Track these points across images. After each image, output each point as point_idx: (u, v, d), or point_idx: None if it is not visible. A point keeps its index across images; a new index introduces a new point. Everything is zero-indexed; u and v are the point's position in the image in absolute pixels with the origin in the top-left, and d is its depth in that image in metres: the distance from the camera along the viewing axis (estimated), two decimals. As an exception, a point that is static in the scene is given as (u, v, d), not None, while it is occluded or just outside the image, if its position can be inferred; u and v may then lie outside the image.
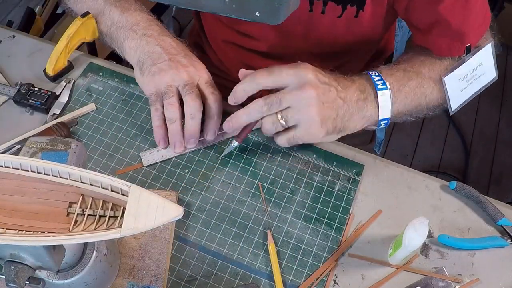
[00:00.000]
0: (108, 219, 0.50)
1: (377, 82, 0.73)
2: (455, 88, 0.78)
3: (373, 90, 0.73)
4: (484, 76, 0.80)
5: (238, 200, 0.77)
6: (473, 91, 0.80)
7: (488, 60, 0.80)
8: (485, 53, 0.79)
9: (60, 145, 0.60)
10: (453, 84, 0.77)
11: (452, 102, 0.78)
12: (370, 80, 0.73)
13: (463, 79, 0.78)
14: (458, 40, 0.77)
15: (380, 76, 0.73)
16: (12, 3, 2.33)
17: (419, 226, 0.66)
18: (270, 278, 0.71)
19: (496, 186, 1.94)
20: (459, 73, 0.77)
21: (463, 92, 0.79)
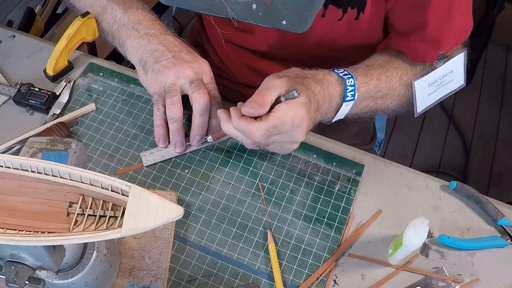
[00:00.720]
0: (108, 219, 0.50)
1: (348, 94, 0.74)
2: (423, 92, 0.80)
3: (340, 100, 0.74)
4: (452, 82, 0.82)
5: (238, 200, 0.77)
6: (440, 96, 0.82)
7: (458, 68, 0.81)
8: (457, 61, 0.80)
9: (60, 145, 0.60)
10: (422, 88, 0.79)
11: (419, 105, 0.80)
12: (343, 90, 0.74)
13: (432, 84, 0.80)
14: (433, 47, 0.78)
15: (353, 86, 0.74)
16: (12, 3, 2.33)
17: (419, 226, 0.66)
18: (270, 278, 0.71)
19: (496, 186, 1.94)
20: (429, 79, 0.79)
21: (430, 96, 0.81)
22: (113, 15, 0.83)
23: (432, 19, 0.75)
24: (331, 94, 0.73)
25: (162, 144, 0.79)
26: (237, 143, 0.82)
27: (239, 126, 0.68)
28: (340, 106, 0.74)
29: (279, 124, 0.67)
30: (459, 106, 2.13)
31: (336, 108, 0.75)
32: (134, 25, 0.81)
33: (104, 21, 0.85)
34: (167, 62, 0.77)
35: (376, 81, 0.77)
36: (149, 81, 0.79)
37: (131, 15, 0.82)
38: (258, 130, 0.67)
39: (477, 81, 2.19)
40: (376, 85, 0.77)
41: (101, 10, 0.85)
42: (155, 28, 0.81)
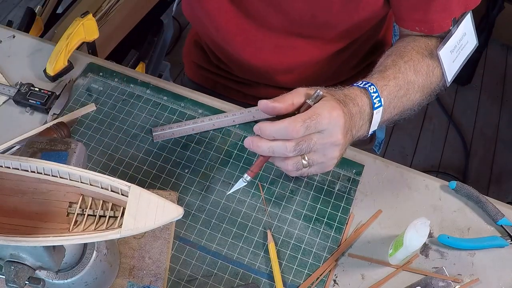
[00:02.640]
0: (108, 219, 0.50)
1: (375, 101, 0.72)
2: (448, 60, 0.81)
3: (370, 109, 0.72)
4: (468, 44, 0.83)
5: (238, 200, 0.77)
6: (461, 60, 0.83)
7: (469, 29, 0.83)
8: (467, 23, 0.82)
9: (60, 145, 0.60)
10: (447, 56, 0.80)
11: (448, 74, 0.81)
12: (369, 98, 0.72)
13: (453, 50, 0.81)
14: (447, 15, 0.79)
15: (377, 92, 0.72)
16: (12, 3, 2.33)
17: (420, 227, 0.66)
18: (270, 278, 0.71)
19: (496, 186, 1.94)
20: (450, 45, 0.80)
21: (454, 63, 0.82)
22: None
23: None
24: (360, 105, 0.71)
25: None
26: (237, 143, 0.82)
27: (273, 128, 0.64)
28: (372, 116, 0.72)
29: (315, 116, 0.64)
30: (459, 106, 2.13)
31: (368, 120, 0.72)
32: None
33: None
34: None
35: (393, 81, 0.76)
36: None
37: None
38: (295, 121, 0.63)
39: (477, 81, 2.19)
40: (395, 84, 0.76)
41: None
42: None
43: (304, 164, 0.67)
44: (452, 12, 0.80)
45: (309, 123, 0.63)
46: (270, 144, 0.65)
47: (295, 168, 0.67)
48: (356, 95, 0.72)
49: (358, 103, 0.71)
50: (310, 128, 0.64)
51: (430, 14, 0.80)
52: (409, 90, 0.78)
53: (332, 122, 0.65)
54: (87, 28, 0.86)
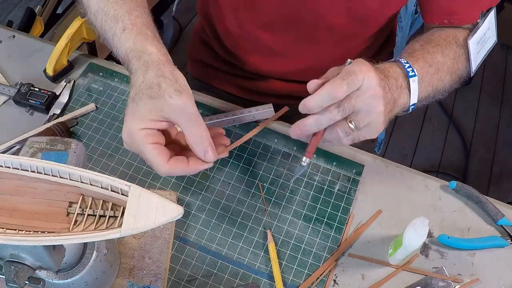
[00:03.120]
0: (108, 219, 0.50)
1: (408, 70, 0.74)
2: (475, 50, 0.83)
3: (405, 77, 0.74)
4: (490, 39, 0.86)
5: (238, 200, 0.77)
6: (484, 53, 0.85)
7: (492, 24, 0.85)
8: (491, 18, 0.85)
9: (60, 145, 0.60)
10: (474, 47, 0.83)
11: (473, 64, 0.83)
12: (402, 67, 0.74)
13: (479, 42, 0.83)
14: (476, 7, 0.82)
15: (408, 63, 0.75)
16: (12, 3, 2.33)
17: (419, 226, 0.66)
18: (270, 278, 0.71)
19: (496, 186, 1.94)
20: (477, 37, 0.83)
21: (478, 54, 0.84)
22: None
23: None
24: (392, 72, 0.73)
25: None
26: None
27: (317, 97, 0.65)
28: (409, 84, 0.73)
29: (350, 72, 0.66)
30: (459, 106, 2.13)
31: (406, 87, 0.73)
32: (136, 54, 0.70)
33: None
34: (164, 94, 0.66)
35: (422, 60, 0.78)
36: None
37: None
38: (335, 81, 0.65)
39: (477, 81, 2.19)
40: (424, 62, 0.77)
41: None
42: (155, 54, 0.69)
43: (352, 128, 0.68)
44: (480, 5, 0.82)
45: (348, 79, 0.65)
46: (315, 117, 0.66)
47: (345, 134, 0.68)
48: (389, 66, 0.73)
49: (390, 71, 0.72)
50: (350, 84, 0.65)
51: (460, 6, 0.82)
52: (439, 70, 0.79)
53: (366, 76, 0.66)
54: (87, 28, 0.86)
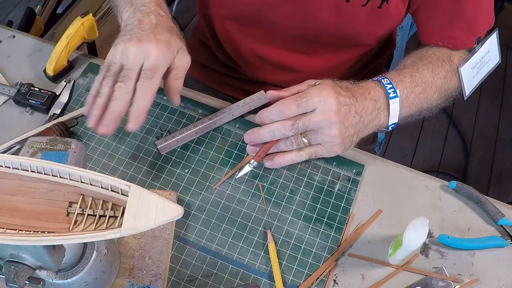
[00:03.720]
0: (108, 219, 0.50)
1: (389, 91, 0.76)
2: (468, 76, 0.84)
3: (385, 99, 0.76)
4: (490, 61, 0.87)
5: (238, 200, 0.77)
6: (482, 76, 0.86)
7: (493, 47, 0.86)
8: (492, 41, 0.85)
9: (60, 145, 0.60)
10: (467, 73, 0.83)
11: (466, 89, 0.84)
12: (383, 88, 0.77)
13: (474, 67, 0.84)
14: (472, 33, 0.83)
15: (391, 84, 0.77)
16: (12, 3, 2.33)
17: (419, 226, 0.66)
18: (270, 278, 0.71)
19: (496, 186, 1.94)
20: (472, 62, 0.83)
21: (474, 78, 0.85)
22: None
23: (468, 7, 0.80)
24: (372, 94, 0.76)
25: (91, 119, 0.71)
26: (237, 143, 0.82)
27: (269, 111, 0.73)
28: (388, 105, 0.76)
29: (305, 94, 0.71)
30: (459, 106, 2.13)
31: (385, 108, 0.76)
32: (131, 0, 0.77)
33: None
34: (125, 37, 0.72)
35: (410, 78, 0.79)
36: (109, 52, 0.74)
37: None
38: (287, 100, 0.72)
39: (477, 81, 2.19)
40: (411, 81, 0.79)
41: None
42: (149, 6, 0.76)
43: (305, 142, 0.74)
44: (476, 31, 0.83)
45: (299, 101, 0.71)
46: (269, 128, 0.73)
47: (297, 145, 0.75)
48: (370, 86, 0.77)
49: (370, 92, 0.76)
50: (301, 106, 0.71)
51: (454, 32, 0.82)
52: (426, 89, 0.81)
53: (322, 100, 0.71)
54: (87, 28, 0.86)
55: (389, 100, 0.76)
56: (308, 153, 0.76)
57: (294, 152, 0.76)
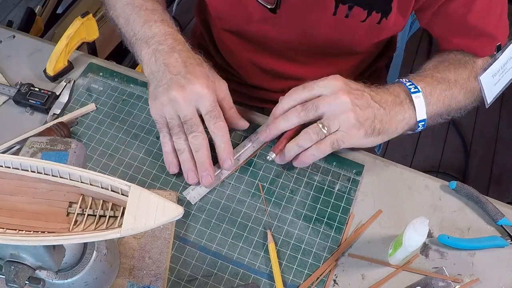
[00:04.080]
0: (108, 219, 0.50)
1: (409, 87, 0.76)
2: (489, 83, 0.83)
3: (407, 94, 0.76)
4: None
5: (238, 200, 0.77)
6: (505, 83, 0.85)
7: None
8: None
9: (60, 145, 0.60)
10: (488, 81, 0.82)
11: (488, 97, 0.84)
12: (402, 85, 0.76)
13: (495, 74, 0.83)
14: (490, 42, 0.82)
15: (410, 81, 0.77)
16: (12, 3, 2.33)
17: (419, 226, 0.66)
18: (270, 278, 0.71)
19: (496, 186, 1.94)
20: (493, 70, 0.83)
21: (496, 85, 0.84)
22: (133, 28, 0.81)
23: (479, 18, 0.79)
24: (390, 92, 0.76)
25: (173, 170, 0.77)
26: (237, 143, 0.82)
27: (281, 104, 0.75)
28: (412, 100, 0.75)
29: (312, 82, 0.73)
30: (459, 106, 2.13)
31: (409, 103, 0.75)
32: (147, 39, 0.78)
33: (127, 33, 0.82)
34: (164, 88, 0.74)
35: (430, 78, 0.79)
36: (150, 106, 0.77)
37: (147, 29, 0.79)
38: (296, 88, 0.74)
39: (477, 81, 2.19)
40: (432, 80, 0.79)
41: (124, 21, 0.83)
42: (166, 43, 0.77)
43: (324, 131, 0.72)
44: (496, 39, 0.82)
45: (306, 84, 0.73)
46: (283, 115, 0.74)
47: (317, 136, 0.73)
48: (389, 86, 0.77)
49: (388, 89, 0.76)
50: (308, 88, 0.73)
51: (473, 41, 0.82)
52: (451, 87, 0.80)
53: (328, 83, 0.73)
54: (87, 28, 0.86)
55: (411, 95, 0.75)
56: (330, 142, 0.73)
57: (314, 146, 0.73)
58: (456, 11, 0.79)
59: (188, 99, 0.73)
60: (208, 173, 0.74)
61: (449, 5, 0.78)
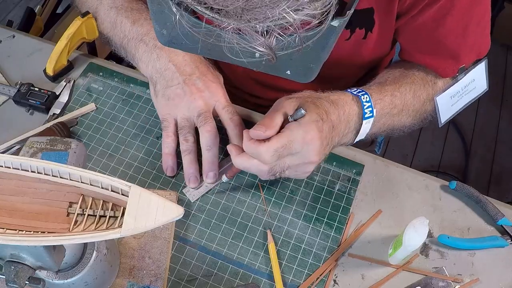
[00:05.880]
0: (108, 219, 0.50)
1: (366, 110, 0.72)
2: (446, 104, 0.81)
3: (358, 118, 0.72)
4: (474, 90, 0.83)
5: (238, 200, 0.77)
6: (463, 104, 0.83)
7: (480, 76, 0.82)
8: (479, 70, 0.81)
9: (60, 145, 0.60)
10: (445, 102, 0.80)
11: (442, 117, 0.81)
12: (360, 107, 0.72)
13: (454, 95, 0.81)
14: (453, 64, 0.79)
15: (370, 101, 0.73)
16: (12, 3, 2.33)
17: (419, 226, 0.66)
18: (270, 278, 0.71)
19: (496, 186, 1.94)
20: (452, 92, 0.80)
21: (453, 106, 0.82)
22: (123, 29, 0.81)
23: (448, 36, 0.76)
24: (347, 113, 0.71)
25: (170, 173, 0.78)
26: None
27: (248, 149, 0.66)
28: (360, 125, 0.72)
29: (288, 143, 0.65)
30: (459, 106, 2.13)
31: (355, 128, 0.73)
32: (142, 37, 0.78)
33: (115, 36, 0.82)
34: (177, 88, 0.75)
35: (390, 97, 0.76)
36: (159, 106, 0.78)
37: (138, 27, 0.79)
38: (267, 150, 0.64)
39: (477, 81, 2.19)
40: (390, 101, 0.76)
41: (111, 26, 0.83)
42: None
43: (277, 176, 0.70)
44: (460, 61, 0.79)
45: (282, 151, 0.65)
46: (245, 165, 0.68)
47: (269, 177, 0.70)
48: (346, 102, 0.72)
49: (345, 111, 0.71)
50: (282, 155, 0.66)
51: (437, 60, 0.79)
52: (403, 112, 0.78)
53: (305, 146, 0.66)
54: (87, 28, 0.85)
55: (363, 121, 0.72)
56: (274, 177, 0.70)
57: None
58: (424, 25, 0.75)
59: (208, 98, 0.76)
60: (215, 172, 0.75)
61: (419, 17, 0.75)
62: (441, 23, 0.74)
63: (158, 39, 0.53)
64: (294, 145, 0.65)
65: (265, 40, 0.44)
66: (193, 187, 0.77)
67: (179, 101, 0.75)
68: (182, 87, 0.75)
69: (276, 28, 0.43)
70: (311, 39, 0.46)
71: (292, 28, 0.44)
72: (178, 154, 0.78)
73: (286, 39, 0.45)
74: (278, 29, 0.43)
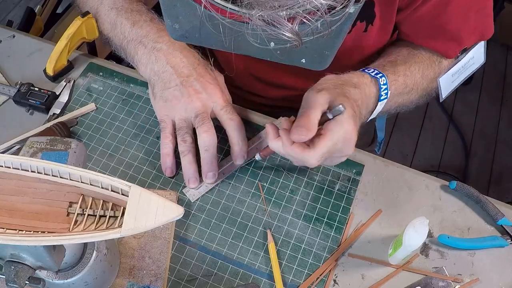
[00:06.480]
0: (108, 219, 0.50)
1: (382, 93, 0.74)
2: (447, 81, 0.84)
3: (376, 99, 0.74)
4: (473, 65, 0.86)
5: (238, 200, 0.77)
6: (462, 79, 0.86)
7: (479, 53, 0.85)
8: (478, 48, 0.84)
9: (60, 145, 0.60)
10: (446, 80, 0.83)
11: (443, 93, 0.84)
12: (378, 90, 0.73)
13: (455, 73, 0.84)
14: (455, 46, 0.81)
15: (386, 84, 0.74)
16: (12, 3, 2.33)
17: (419, 226, 0.66)
18: (270, 278, 0.71)
19: (496, 186, 1.95)
20: (453, 70, 0.83)
21: (453, 82, 0.85)
22: (122, 31, 0.81)
23: (450, 21, 0.77)
24: (367, 96, 0.72)
25: (169, 174, 0.78)
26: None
27: (293, 153, 0.66)
28: (375, 106, 0.74)
29: (332, 146, 0.65)
30: (459, 106, 2.13)
31: (372, 109, 0.74)
32: (141, 39, 0.78)
33: (115, 37, 0.83)
34: (175, 90, 0.75)
35: (403, 77, 0.78)
36: (157, 107, 0.78)
37: (138, 29, 0.79)
38: (314, 156, 0.65)
39: (477, 81, 2.19)
40: (403, 82, 0.78)
41: (111, 26, 0.83)
42: (163, 41, 0.78)
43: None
44: (462, 43, 0.81)
45: (327, 156, 0.66)
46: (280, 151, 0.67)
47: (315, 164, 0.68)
48: (366, 84, 0.73)
49: (366, 93, 0.73)
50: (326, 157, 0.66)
51: (439, 43, 0.81)
52: (412, 91, 0.80)
53: (345, 142, 0.66)
54: (87, 28, 0.85)
55: (378, 102, 0.74)
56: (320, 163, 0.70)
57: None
58: (427, 14, 0.77)
59: (205, 100, 0.76)
60: (214, 173, 0.76)
61: (421, 8, 0.76)
62: (443, 10, 0.76)
63: (170, 34, 0.53)
64: (337, 145, 0.66)
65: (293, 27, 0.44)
66: (193, 187, 0.77)
67: (176, 102, 0.76)
68: (180, 89, 0.75)
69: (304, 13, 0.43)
70: (335, 24, 0.47)
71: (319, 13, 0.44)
72: (177, 155, 0.78)
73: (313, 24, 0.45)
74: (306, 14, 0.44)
